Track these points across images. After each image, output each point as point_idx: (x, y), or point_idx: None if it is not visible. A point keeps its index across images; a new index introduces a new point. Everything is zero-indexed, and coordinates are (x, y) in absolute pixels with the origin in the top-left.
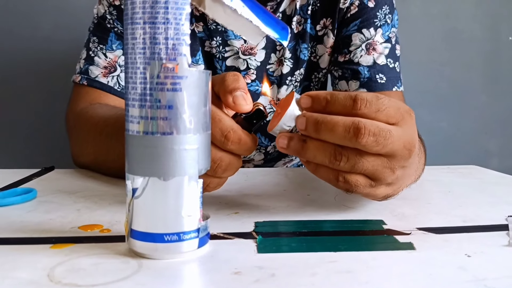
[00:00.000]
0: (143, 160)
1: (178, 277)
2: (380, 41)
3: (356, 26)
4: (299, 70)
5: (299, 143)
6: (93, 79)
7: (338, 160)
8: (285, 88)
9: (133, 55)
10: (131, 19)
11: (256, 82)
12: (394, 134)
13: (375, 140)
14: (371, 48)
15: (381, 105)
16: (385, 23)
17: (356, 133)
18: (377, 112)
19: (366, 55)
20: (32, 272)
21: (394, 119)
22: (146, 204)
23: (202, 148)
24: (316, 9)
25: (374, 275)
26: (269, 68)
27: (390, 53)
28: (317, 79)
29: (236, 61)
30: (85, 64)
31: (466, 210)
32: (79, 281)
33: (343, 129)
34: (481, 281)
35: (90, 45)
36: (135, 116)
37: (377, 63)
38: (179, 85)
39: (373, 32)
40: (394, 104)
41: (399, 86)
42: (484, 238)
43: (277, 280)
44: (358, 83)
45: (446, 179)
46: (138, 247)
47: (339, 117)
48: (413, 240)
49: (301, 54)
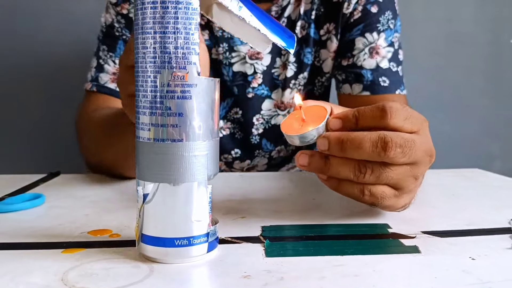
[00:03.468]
0: (153, 166)
1: (189, 281)
2: (383, 45)
3: (359, 31)
4: (302, 73)
5: (321, 160)
6: (102, 85)
7: (363, 172)
8: (289, 91)
9: (143, 64)
10: (141, 29)
11: (262, 86)
12: (417, 143)
13: (402, 152)
14: (374, 52)
15: (406, 114)
16: (388, 28)
17: (384, 147)
18: (405, 120)
19: (369, 59)
20: (45, 277)
21: (416, 127)
22: (157, 209)
23: (211, 154)
24: (320, 14)
25: (380, 279)
26: (274, 72)
27: (393, 57)
28: (320, 83)
29: (243, 66)
30: (95, 72)
31: (469, 214)
32: (92, 285)
33: (370, 144)
34: (485, 283)
35: (100, 53)
36: (145, 124)
37: (380, 67)
38: (188, 93)
39: (376, 36)
40: (415, 113)
41: (402, 89)
42: (488, 241)
43: (286, 283)
44: (361, 86)
45: (449, 182)
46: (149, 252)
47: (364, 133)
48: (418, 243)
49: (305, 58)
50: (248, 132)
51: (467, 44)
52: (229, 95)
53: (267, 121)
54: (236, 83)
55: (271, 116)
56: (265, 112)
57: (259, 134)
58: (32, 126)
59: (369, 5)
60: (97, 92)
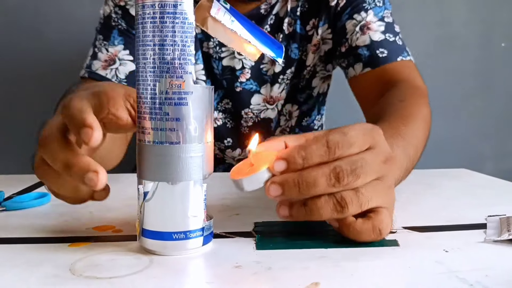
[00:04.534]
0: (153, 167)
1: (185, 271)
2: (373, 21)
3: (347, 15)
4: (290, 68)
5: (302, 208)
6: (94, 71)
7: (345, 206)
8: (277, 86)
9: (144, 73)
10: (142, 42)
11: (250, 80)
12: (369, 159)
13: (355, 175)
14: (365, 28)
15: (350, 139)
16: (375, 6)
17: (337, 178)
18: (350, 148)
19: (362, 36)
20: (55, 267)
21: (365, 146)
22: (156, 206)
23: (206, 155)
24: (304, 10)
25: (359, 268)
26: (262, 68)
27: (387, 29)
28: (302, 77)
29: (232, 61)
30: (90, 60)
31: (450, 211)
32: (98, 274)
33: (324, 179)
34: (453, 272)
35: (96, 43)
36: (146, 128)
37: (374, 40)
38: (185, 100)
39: (365, 14)
40: (360, 131)
41: (405, 56)
42: (464, 236)
43: (273, 272)
44: (361, 64)
45: (436, 182)
46: (149, 245)
47: (315, 170)
48: (398, 237)
49: (292, 53)
50: (238, 123)
51: (458, 47)
52: (220, 87)
53: (257, 115)
54: (225, 76)
55: (261, 110)
56: (254, 106)
57: (248, 127)
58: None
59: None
60: (88, 78)
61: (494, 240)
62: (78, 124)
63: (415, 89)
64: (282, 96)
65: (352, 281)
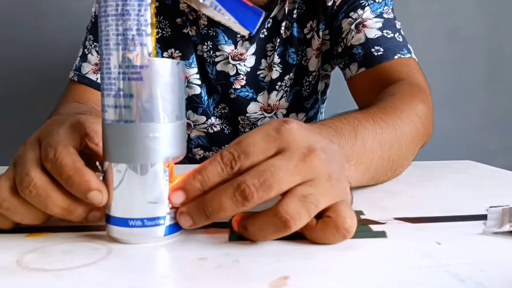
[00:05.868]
0: (110, 147)
1: (143, 263)
2: (370, 17)
3: (343, 13)
4: (288, 75)
5: (245, 231)
6: (83, 75)
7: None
8: (275, 94)
9: (101, 47)
10: (100, 14)
11: (246, 88)
12: (280, 164)
13: (266, 187)
14: (361, 26)
15: (246, 148)
16: (374, 2)
17: (244, 197)
18: (249, 157)
19: (357, 34)
20: (2, 259)
21: (270, 149)
22: (116, 190)
23: (169, 137)
24: (302, 13)
25: (336, 261)
26: (259, 74)
27: (385, 26)
28: (307, 83)
29: (226, 66)
30: (79, 62)
31: (447, 202)
32: (46, 266)
33: (230, 201)
34: (443, 267)
35: (86, 43)
36: (104, 105)
37: (370, 38)
38: (139, 74)
39: (361, 11)
40: (259, 135)
41: (404, 53)
42: (460, 227)
43: (239, 265)
44: (356, 64)
45: (436, 173)
46: (110, 231)
47: (217, 192)
48: (387, 229)
49: (289, 58)
50: (236, 128)
51: (465, 39)
52: (215, 92)
53: (253, 123)
54: (219, 82)
55: (258, 118)
56: (251, 114)
57: (245, 132)
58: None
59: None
60: (77, 82)
61: (493, 232)
62: (81, 189)
63: (412, 86)
64: (281, 105)
65: (324, 274)
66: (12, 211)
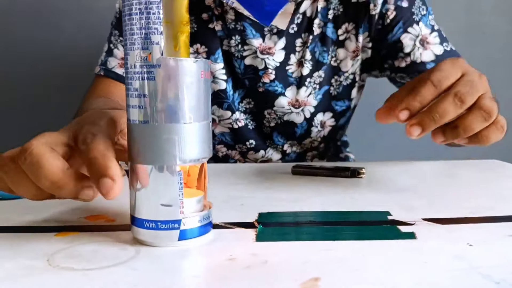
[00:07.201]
0: (130, 147)
1: (171, 263)
2: (428, 33)
3: (401, 29)
4: (317, 72)
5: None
6: (110, 69)
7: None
8: (304, 89)
9: (125, 46)
10: (123, 12)
11: (275, 82)
12: (473, 78)
13: (473, 92)
14: (425, 43)
15: (447, 73)
16: (422, 15)
17: (461, 100)
18: (450, 78)
19: (425, 51)
20: (34, 258)
21: (459, 73)
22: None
23: (184, 138)
24: (338, 14)
25: (366, 263)
26: (288, 69)
27: (441, 38)
28: (338, 83)
29: (254, 60)
30: (105, 56)
31: (476, 202)
32: (76, 265)
33: (452, 106)
34: (475, 269)
35: (111, 38)
36: (127, 105)
37: (438, 54)
38: (152, 74)
39: (417, 27)
40: (449, 65)
41: None
42: (490, 228)
43: (269, 266)
44: None
45: (463, 172)
46: (134, 232)
47: (438, 101)
48: (416, 230)
49: (320, 56)
50: (260, 123)
51: (487, 34)
52: (242, 86)
53: (280, 117)
54: (247, 76)
55: (284, 113)
56: (278, 108)
57: (270, 127)
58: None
59: (399, 1)
60: (104, 76)
61: None
62: (99, 171)
63: None
64: (309, 102)
65: (355, 276)
66: (9, 177)
